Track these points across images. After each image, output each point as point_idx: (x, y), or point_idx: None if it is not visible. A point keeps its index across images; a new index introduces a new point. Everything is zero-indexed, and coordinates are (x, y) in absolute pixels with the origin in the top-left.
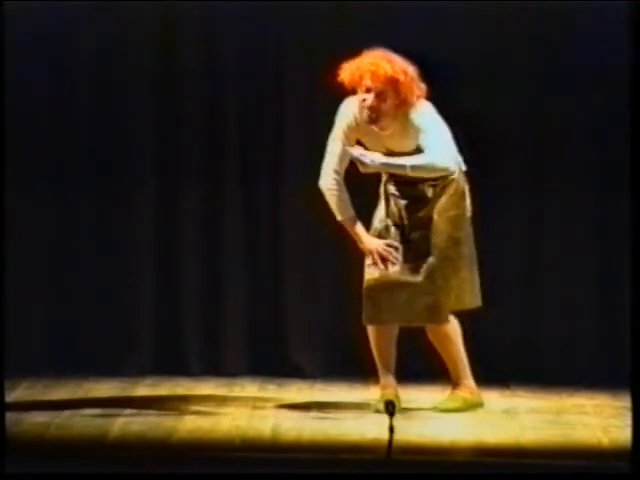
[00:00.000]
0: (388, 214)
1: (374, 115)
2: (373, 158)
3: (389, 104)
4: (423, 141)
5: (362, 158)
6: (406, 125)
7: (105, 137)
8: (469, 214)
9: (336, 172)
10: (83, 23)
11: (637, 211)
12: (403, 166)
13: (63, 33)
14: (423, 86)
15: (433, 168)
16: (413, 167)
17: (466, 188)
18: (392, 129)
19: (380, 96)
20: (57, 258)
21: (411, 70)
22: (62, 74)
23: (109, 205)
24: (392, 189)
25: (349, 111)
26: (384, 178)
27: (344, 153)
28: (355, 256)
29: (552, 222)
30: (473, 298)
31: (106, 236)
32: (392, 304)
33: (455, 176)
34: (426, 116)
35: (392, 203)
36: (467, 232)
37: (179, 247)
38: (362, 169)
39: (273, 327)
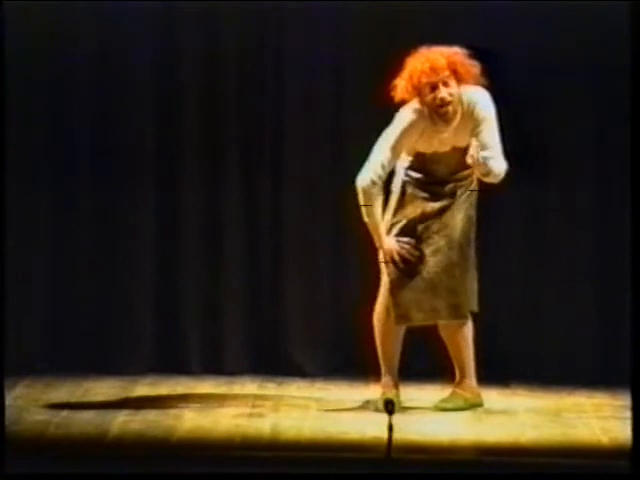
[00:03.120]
0: (407, 214)
1: (449, 105)
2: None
3: (454, 89)
4: (490, 143)
5: (482, 156)
6: (466, 114)
7: (105, 137)
8: (475, 216)
9: (378, 176)
10: (83, 22)
11: (637, 211)
12: (490, 170)
13: (63, 32)
14: (476, 62)
15: (497, 178)
16: (494, 175)
17: (476, 189)
18: (458, 118)
19: (447, 84)
20: (57, 258)
21: (459, 50)
22: (62, 73)
23: (109, 205)
24: (413, 190)
25: (407, 120)
26: (402, 178)
27: (390, 159)
28: (355, 256)
29: (552, 222)
30: (474, 301)
31: (106, 236)
32: (418, 302)
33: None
34: (490, 108)
35: (411, 203)
36: (475, 234)
37: (179, 246)
38: (470, 160)
39: (273, 326)
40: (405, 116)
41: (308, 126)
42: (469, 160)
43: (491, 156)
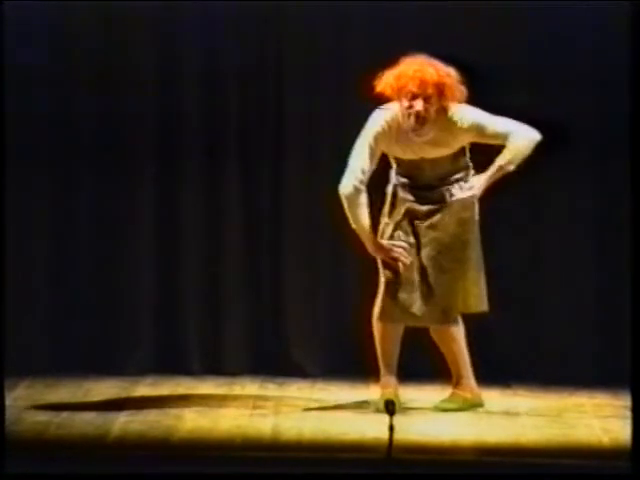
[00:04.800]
0: (396, 217)
1: (422, 120)
2: (477, 186)
3: (434, 109)
4: (493, 130)
5: (468, 192)
6: (445, 129)
7: (105, 138)
8: (477, 217)
9: (359, 181)
10: (83, 23)
11: (637, 210)
12: (503, 168)
13: (63, 32)
14: (463, 89)
15: (528, 148)
16: (513, 163)
17: None
18: (431, 135)
19: (427, 101)
20: (57, 258)
21: (453, 73)
22: (62, 73)
23: (109, 205)
24: (403, 193)
25: (380, 121)
26: (393, 181)
27: (369, 162)
28: (355, 256)
29: (552, 222)
30: (479, 302)
31: (106, 236)
32: (406, 305)
33: (469, 177)
34: (474, 112)
35: (401, 206)
36: (476, 235)
37: (179, 247)
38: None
39: (273, 326)
40: (378, 119)
41: (309, 126)
42: (473, 192)
43: (503, 141)
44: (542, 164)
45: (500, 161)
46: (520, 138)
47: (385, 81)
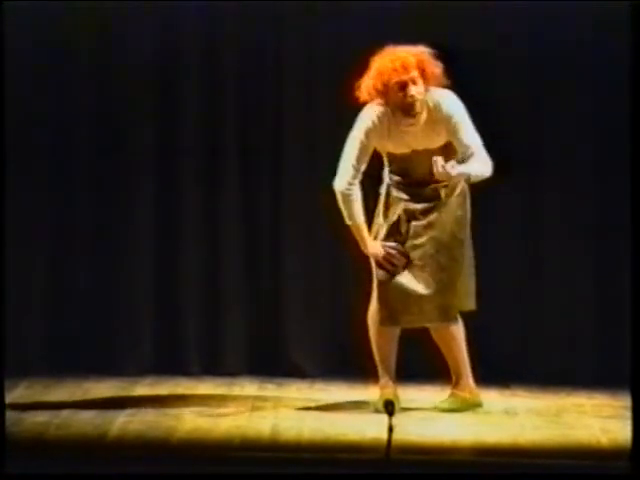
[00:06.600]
0: (391, 217)
1: (418, 104)
2: (454, 167)
3: (422, 89)
4: (466, 141)
5: (448, 168)
6: (433, 116)
7: (105, 138)
8: (469, 215)
9: (352, 177)
10: (83, 23)
11: (637, 211)
12: (468, 175)
13: (63, 33)
14: (439, 64)
15: (484, 176)
16: (475, 176)
17: (467, 189)
18: (421, 123)
19: (414, 83)
20: (57, 258)
21: (424, 49)
22: (62, 74)
23: (109, 206)
24: (397, 192)
25: (371, 116)
26: (386, 181)
27: (362, 158)
28: (354, 256)
29: (552, 222)
30: (471, 300)
31: (106, 236)
32: (406, 305)
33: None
34: (455, 105)
35: (396, 206)
36: (468, 234)
37: (179, 247)
38: (438, 176)
39: (272, 327)
40: (369, 115)
41: (309, 126)
42: (437, 176)
43: (471, 154)
44: (541, 163)
45: (469, 170)
46: (487, 167)
47: (366, 86)
